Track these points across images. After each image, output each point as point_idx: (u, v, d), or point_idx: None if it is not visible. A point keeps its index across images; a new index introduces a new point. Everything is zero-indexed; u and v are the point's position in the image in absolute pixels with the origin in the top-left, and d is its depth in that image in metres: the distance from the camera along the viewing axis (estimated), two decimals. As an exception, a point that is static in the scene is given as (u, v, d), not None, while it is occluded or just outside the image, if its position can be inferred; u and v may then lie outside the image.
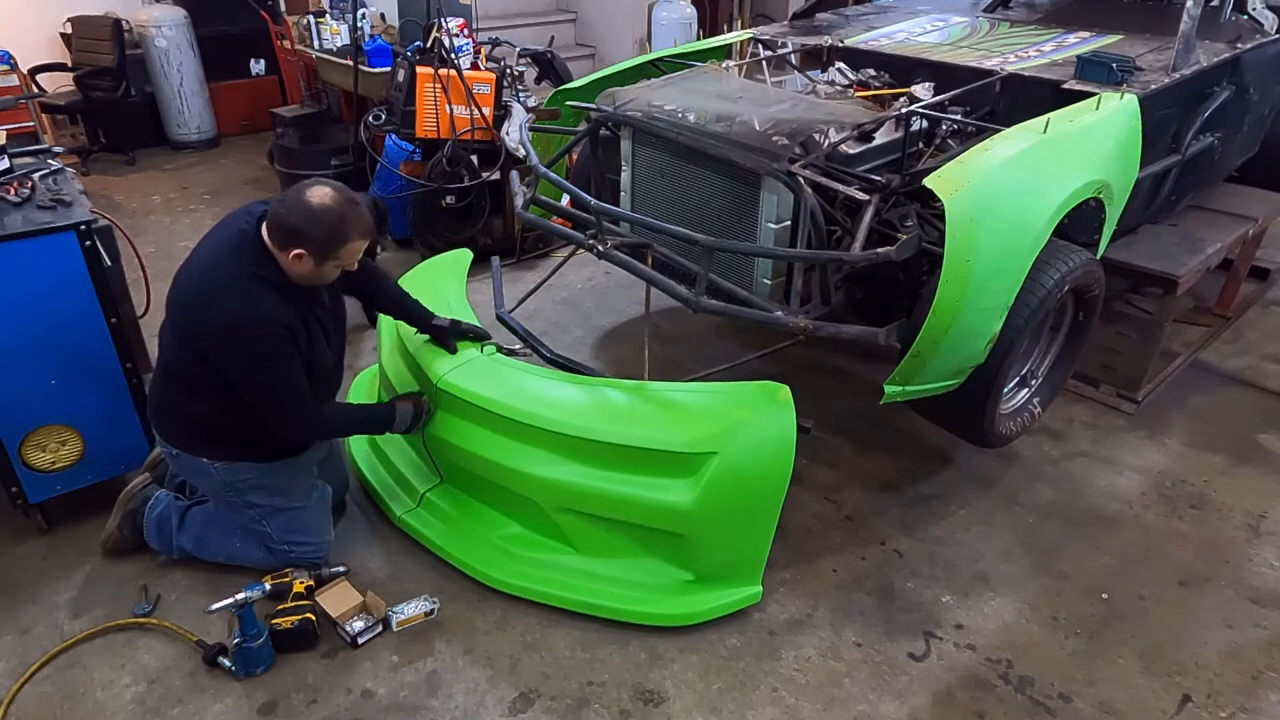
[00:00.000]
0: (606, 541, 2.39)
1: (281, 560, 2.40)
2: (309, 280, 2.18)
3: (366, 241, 2.17)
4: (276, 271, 2.12)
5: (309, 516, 2.43)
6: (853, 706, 2.15)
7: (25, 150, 2.80)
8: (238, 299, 2.06)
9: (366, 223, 2.14)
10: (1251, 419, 3.29)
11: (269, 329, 2.08)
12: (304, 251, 2.07)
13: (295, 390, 2.17)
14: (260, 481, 2.34)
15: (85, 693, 2.16)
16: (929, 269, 2.51)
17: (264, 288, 2.09)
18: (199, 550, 2.47)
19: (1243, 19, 3.48)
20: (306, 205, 2.06)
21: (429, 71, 3.99)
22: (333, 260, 2.12)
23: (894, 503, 2.84)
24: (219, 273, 2.10)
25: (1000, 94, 2.99)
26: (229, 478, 2.31)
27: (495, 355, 2.65)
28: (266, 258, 2.12)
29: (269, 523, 2.37)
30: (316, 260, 2.09)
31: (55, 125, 6.19)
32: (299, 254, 2.07)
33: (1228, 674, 2.25)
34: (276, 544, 2.39)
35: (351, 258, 2.17)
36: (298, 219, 2.05)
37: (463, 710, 2.13)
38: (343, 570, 2.44)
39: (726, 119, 2.67)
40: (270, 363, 2.11)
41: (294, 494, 2.40)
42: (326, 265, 2.13)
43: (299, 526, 2.40)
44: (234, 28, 6.44)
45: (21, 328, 2.34)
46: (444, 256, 3.24)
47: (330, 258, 2.11)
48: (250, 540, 2.41)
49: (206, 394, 2.20)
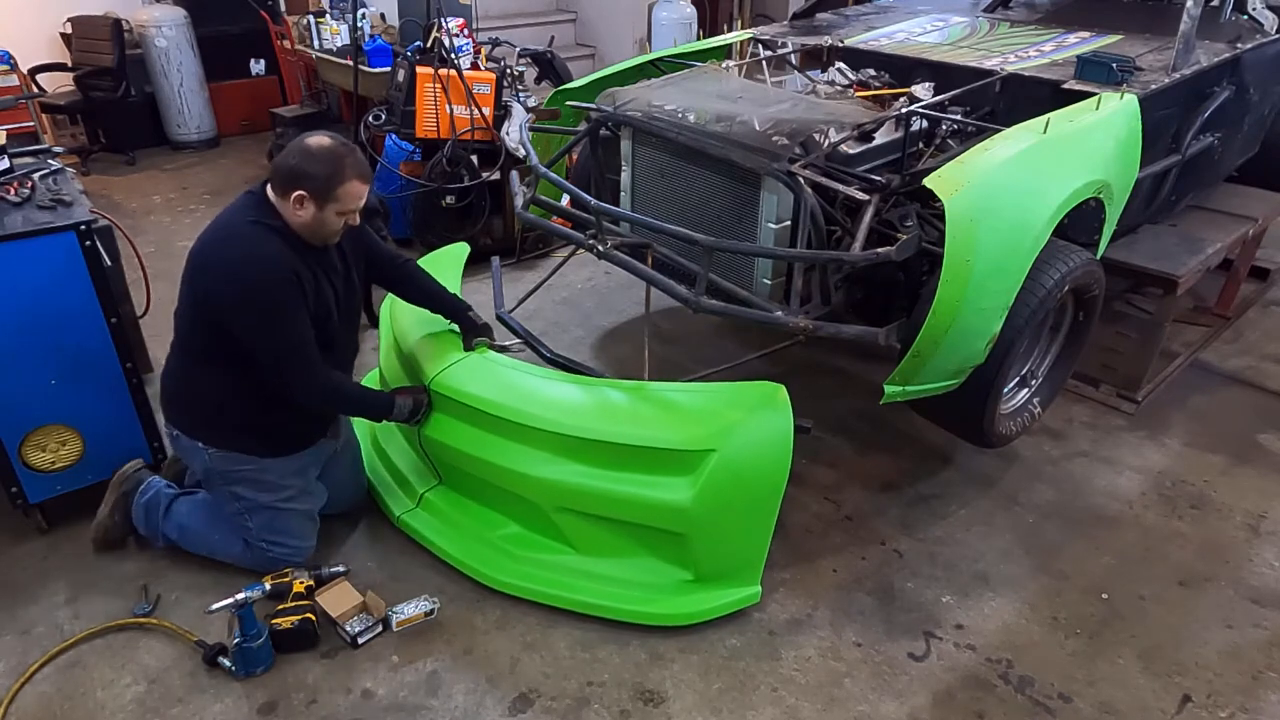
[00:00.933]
0: (605, 541, 2.39)
1: (259, 558, 2.40)
2: (313, 231, 2.20)
3: (365, 185, 2.20)
4: (282, 223, 2.18)
5: (293, 519, 2.42)
6: (853, 706, 2.15)
7: (25, 150, 2.81)
8: (243, 245, 2.14)
9: (364, 166, 2.19)
10: (1251, 419, 3.29)
11: (274, 272, 2.12)
12: (304, 193, 2.11)
13: (302, 342, 2.20)
14: (250, 475, 2.35)
15: (85, 693, 2.16)
16: (929, 269, 2.51)
17: (269, 235, 2.16)
18: (182, 540, 2.48)
19: (1243, 19, 3.48)
20: (304, 147, 2.13)
21: (429, 71, 3.99)
22: (333, 204, 2.15)
23: (894, 503, 2.84)
24: (226, 228, 2.19)
25: (1000, 94, 2.99)
26: (221, 465, 2.33)
27: (488, 354, 2.64)
28: (271, 211, 2.19)
29: (252, 518, 2.38)
30: (317, 202, 2.14)
31: (55, 125, 6.19)
32: (300, 195, 2.12)
33: (1228, 674, 2.25)
34: (255, 540, 2.39)
35: (351, 201, 2.18)
36: (296, 159, 2.12)
37: (463, 710, 2.13)
38: (343, 570, 2.44)
39: (726, 119, 2.67)
40: (276, 309, 2.14)
41: (282, 493, 2.39)
42: (328, 210, 2.16)
43: (280, 527, 2.39)
44: (234, 28, 6.45)
45: (21, 328, 2.34)
46: (442, 251, 3.24)
47: (330, 200, 2.14)
48: (231, 535, 2.42)
49: (213, 370, 2.24)
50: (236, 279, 2.12)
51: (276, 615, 2.24)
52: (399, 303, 2.95)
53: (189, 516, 2.47)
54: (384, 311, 3.09)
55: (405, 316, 2.85)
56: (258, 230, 2.15)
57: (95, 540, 2.55)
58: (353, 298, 2.47)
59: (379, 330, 3.11)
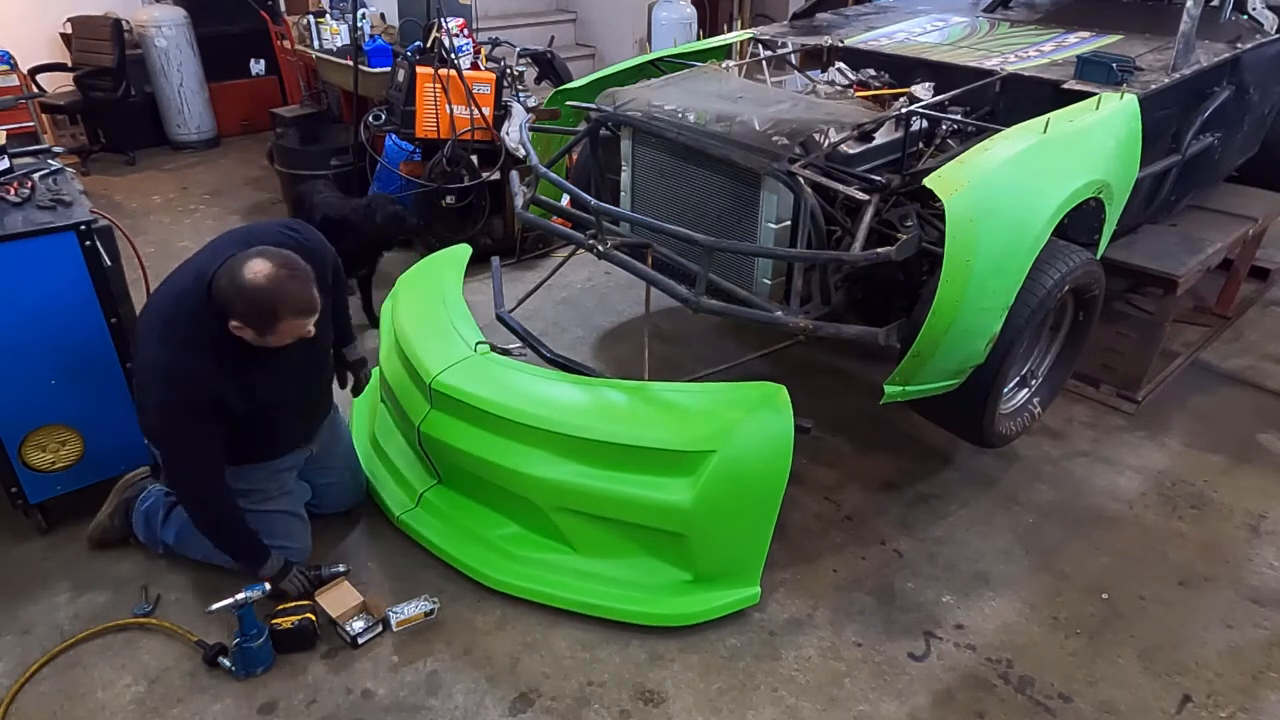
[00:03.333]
0: (605, 541, 2.39)
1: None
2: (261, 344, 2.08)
3: (305, 319, 2.06)
4: (224, 332, 2.04)
5: (276, 520, 2.41)
6: (853, 706, 2.15)
7: (25, 150, 2.80)
8: (171, 352, 2.03)
9: (303, 299, 2.04)
10: (1251, 419, 3.29)
11: (187, 398, 2.04)
12: (240, 324, 2.01)
13: (199, 459, 2.13)
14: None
15: (85, 693, 2.16)
16: (929, 269, 2.51)
17: (203, 347, 2.03)
18: (179, 545, 2.48)
19: (1243, 19, 3.48)
20: (239, 280, 1.98)
21: (429, 71, 3.99)
22: (271, 335, 2.04)
23: (894, 503, 2.84)
24: (173, 311, 2.07)
25: (1000, 94, 2.99)
26: None
27: (489, 355, 2.64)
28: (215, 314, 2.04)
29: None
30: (255, 333, 2.03)
31: (55, 125, 6.19)
32: (236, 325, 2.01)
33: (1228, 674, 2.25)
34: None
35: (290, 334, 2.06)
36: (231, 293, 1.98)
37: (463, 710, 2.13)
38: (343, 570, 2.44)
39: (726, 119, 2.67)
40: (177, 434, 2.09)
41: (257, 496, 2.37)
42: (268, 339, 2.05)
43: (266, 528, 2.37)
44: (234, 28, 6.44)
45: (21, 328, 2.34)
46: (443, 253, 3.24)
47: (269, 333, 2.03)
48: None
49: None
50: (155, 384, 2.06)
51: (276, 615, 2.24)
52: (400, 303, 2.95)
53: (186, 523, 2.45)
54: (385, 312, 3.09)
55: (407, 317, 2.85)
56: (195, 337, 2.02)
57: (92, 539, 2.55)
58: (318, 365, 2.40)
59: (379, 330, 3.11)
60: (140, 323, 2.18)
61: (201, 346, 2.04)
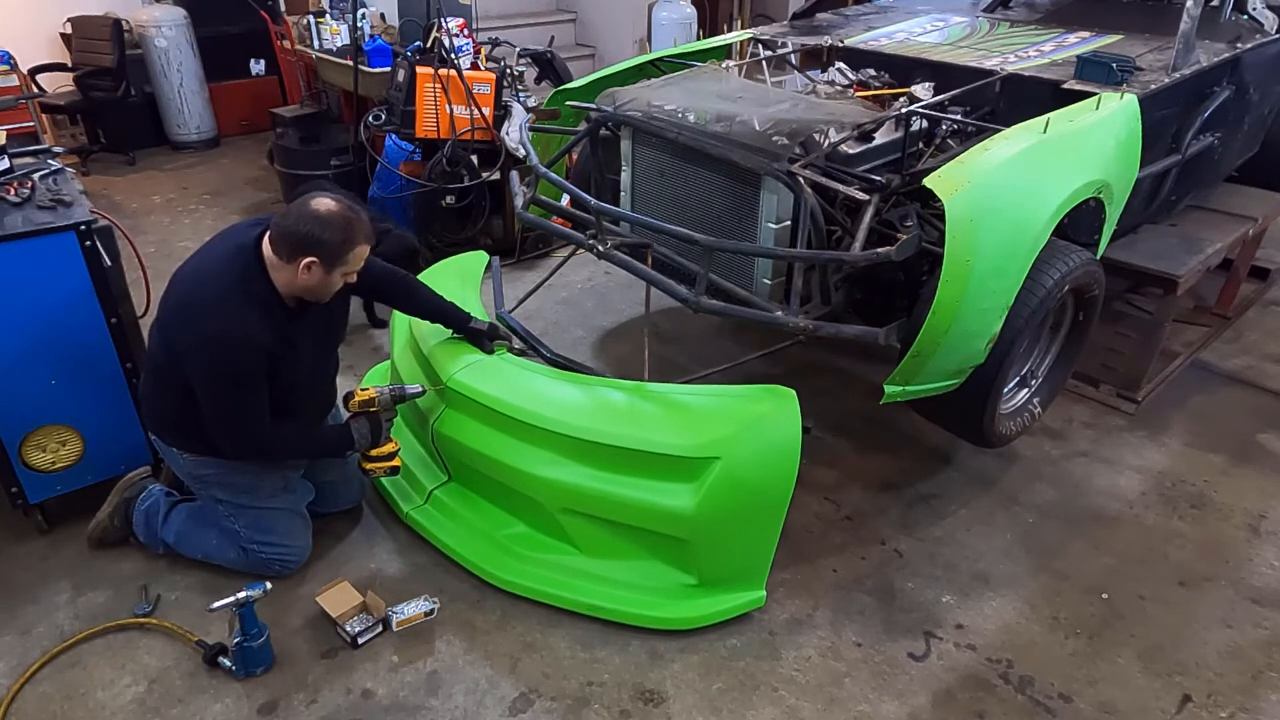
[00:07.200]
0: (609, 543, 2.39)
1: (252, 560, 2.40)
2: (313, 293, 2.20)
3: (369, 246, 2.22)
4: (268, 288, 2.16)
5: (277, 518, 2.42)
6: (853, 706, 2.15)
7: (25, 150, 2.80)
8: (220, 317, 2.10)
9: (369, 227, 2.21)
10: (1251, 419, 3.29)
11: (243, 349, 2.10)
12: (315, 259, 2.10)
13: (253, 415, 2.21)
14: (224, 479, 2.36)
15: (85, 693, 2.16)
16: (929, 269, 2.51)
17: (251, 306, 2.12)
18: (179, 545, 2.48)
19: (1243, 19, 3.48)
20: (314, 213, 2.11)
21: (429, 71, 3.99)
22: (341, 266, 2.16)
23: (894, 503, 2.84)
24: (209, 285, 2.15)
25: (1000, 94, 2.99)
26: (196, 470, 2.36)
27: (506, 355, 2.66)
28: (260, 273, 2.16)
29: (237, 519, 2.39)
30: (327, 267, 2.13)
31: (55, 125, 6.19)
32: (310, 262, 2.10)
33: (1228, 674, 2.25)
34: (246, 542, 2.40)
35: (358, 262, 2.21)
36: (308, 226, 2.09)
37: (463, 710, 2.13)
38: (421, 390, 2.49)
39: (726, 119, 2.67)
40: (234, 384, 2.14)
41: (259, 494, 2.40)
42: (335, 273, 2.17)
43: (266, 526, 2.40)
44: (234, 28, 6.44)
45: (21, 328, 2.34)
46: (460, 257, 3.25)
47: (339, 264, 2.15)
48: (226, 539, 2.42)
49: (177, 392, 2.23)
50: (206, 348, 2.11)
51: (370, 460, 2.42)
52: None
53: (185, 522, 2.47)
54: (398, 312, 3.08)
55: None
56: (241, 299, 2.12)
57: (91, 538, 2.55)
58: (334, 348, 2.49)
59: (391, 328, 3.10)
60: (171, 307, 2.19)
61: (253, 307, 2.13)
